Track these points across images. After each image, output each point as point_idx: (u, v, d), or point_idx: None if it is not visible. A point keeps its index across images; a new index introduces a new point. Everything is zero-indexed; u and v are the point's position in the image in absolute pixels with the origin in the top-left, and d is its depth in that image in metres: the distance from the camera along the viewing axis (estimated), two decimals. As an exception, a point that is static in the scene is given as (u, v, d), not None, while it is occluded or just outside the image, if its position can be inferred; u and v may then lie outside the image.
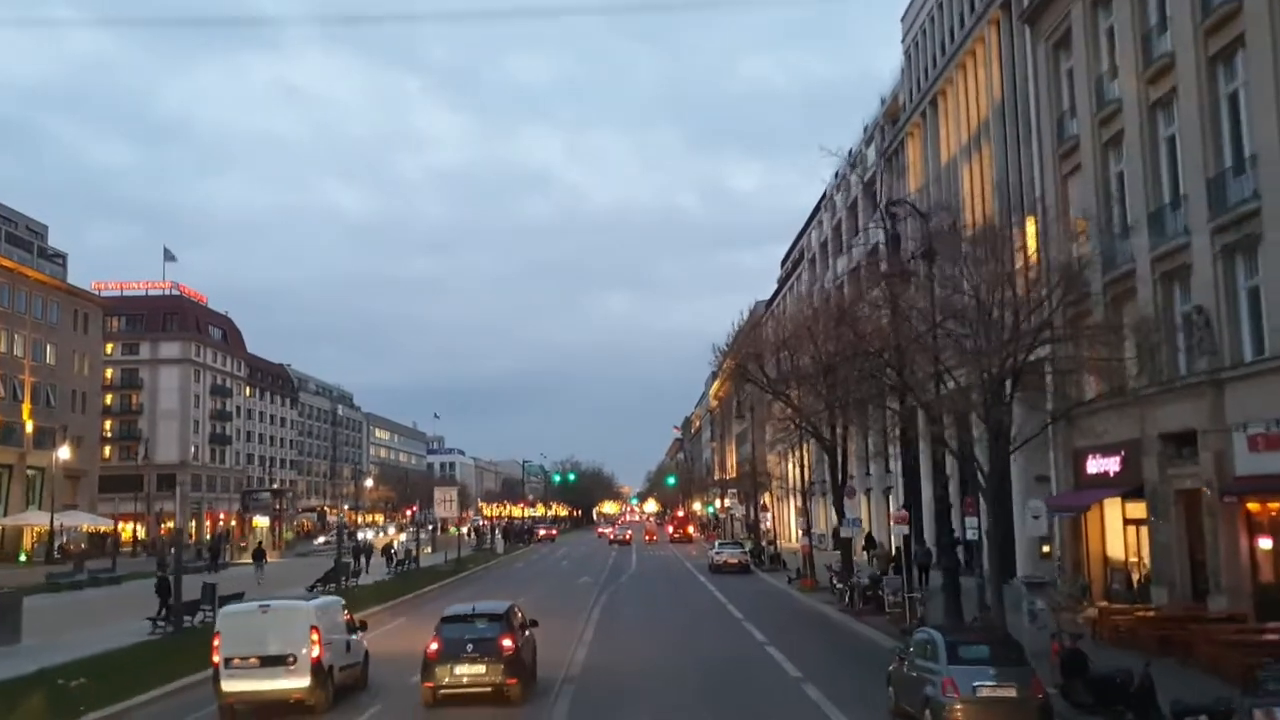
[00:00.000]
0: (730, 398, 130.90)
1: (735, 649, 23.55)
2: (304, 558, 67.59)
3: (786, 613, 31.25)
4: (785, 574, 44.40)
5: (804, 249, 73.44)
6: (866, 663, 20.91)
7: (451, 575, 47.30)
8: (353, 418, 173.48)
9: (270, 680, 17.00)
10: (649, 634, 26.02)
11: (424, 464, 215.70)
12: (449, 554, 60.99)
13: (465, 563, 57.75)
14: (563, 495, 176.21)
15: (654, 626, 27.78)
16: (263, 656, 17.04)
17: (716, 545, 48.79)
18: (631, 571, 50.67)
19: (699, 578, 45.90)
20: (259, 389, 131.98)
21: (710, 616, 30.10)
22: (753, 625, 27.13)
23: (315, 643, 17.19)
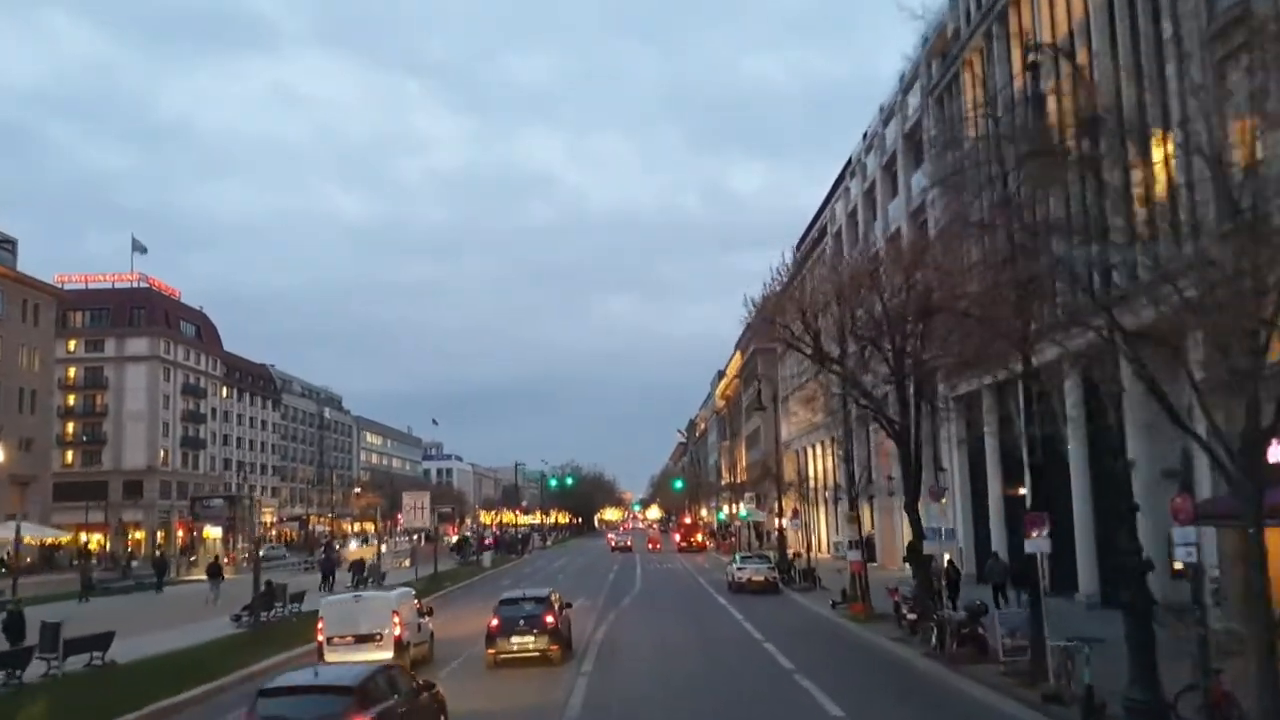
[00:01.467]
0: (738, 397, 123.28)
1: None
2: (267, 572, 59.49)
3: (852, 658, 23.19)
4: (822, 594, 36.50)
5: (825, 225, 65.44)
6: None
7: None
8: (341, 421, 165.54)
9: (362, 653, 20.31)
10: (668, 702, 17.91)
11: (419, 470, 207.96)
12: (424, 569, 53.05)
13: (441, 580, 49.82)
14: (561, 501, 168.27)
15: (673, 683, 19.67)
16: (356, 635, 21.46)
17: (737, 559, 40.81)
18: (636, 591, 42.60)
19: (717, 599, 37.85)
20: (237, 389, 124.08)
21: (748, 664, 22.00)
22: (812, 683, 19.01)
23: (397, 624, 21.68)
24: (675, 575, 53.68)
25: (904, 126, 48.30)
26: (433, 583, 46.65)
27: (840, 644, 26.04)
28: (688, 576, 52.46)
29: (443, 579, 50.31)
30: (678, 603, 37.00)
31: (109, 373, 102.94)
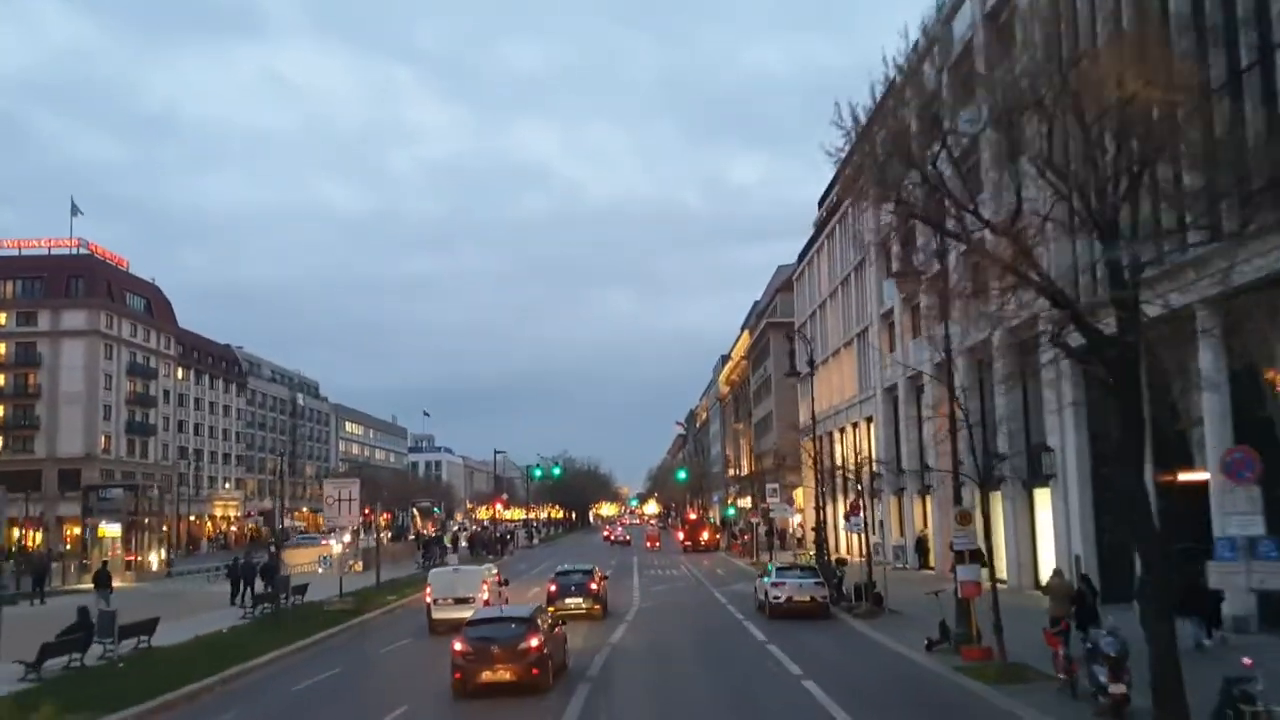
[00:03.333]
0: (746, 382, 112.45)
1: None
2: (175, 581, 48.79)
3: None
4: (894, 622, 25.78)
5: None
6: None
7: (314, 634, 28.15)
8: (317, 409, 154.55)
9: (460, 611, 26.55)
10: None
11: (405, 463, 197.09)
12: (385, 573, 42.22)
13: (382, 592, 39.00)
14: (553, 496, 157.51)
15: None
16: (455, 598, 28.57)
17: (772, 572, 29.62)
18: (633, 614, 31.28)
19: (749, 630, 26.78)
20: (194, 371, 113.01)
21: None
22: None
23: (485, 589, 29.05)
24: (683, 587, 42.66)
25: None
26: (363, 601, 35.66)
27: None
28: (699, 588, 41.51)
29: (383, 592, 39.36)
30: (694, 637, 25.98)
31: (43, 349, 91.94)
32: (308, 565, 57.14)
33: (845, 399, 59.29)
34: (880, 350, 51.36)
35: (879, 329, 51.45)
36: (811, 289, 69.87)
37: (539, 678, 18.66)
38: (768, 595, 28.94)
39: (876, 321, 51.62)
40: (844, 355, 59.54)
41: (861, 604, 29.20)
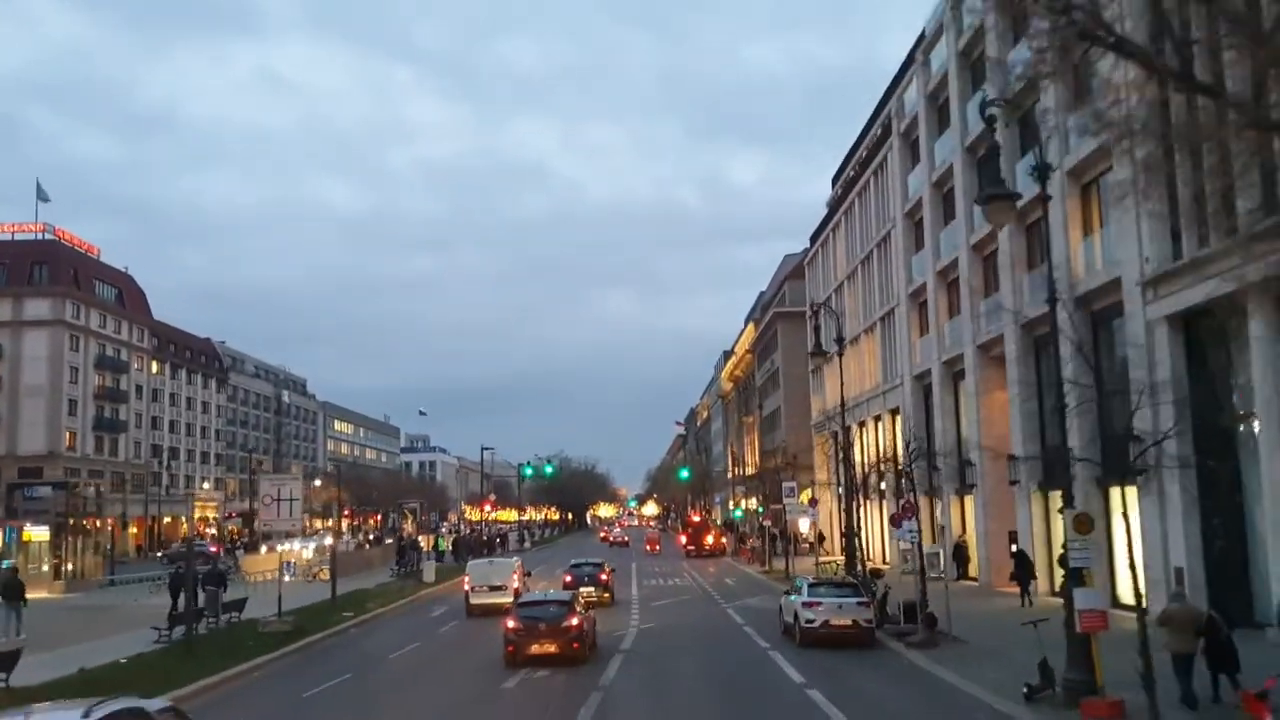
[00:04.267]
0: (750, 377, 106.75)
1: None
2: (115, 592, 43.18)
3: None
4: (958, 653, 20.29)
5: (888, 120, 48.77)
6: None
7: (233, 666, 22.43)
8: (305, 407, 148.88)
9: (495, 597, 31.94)
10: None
11: (398, 463, 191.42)
12: (355, 582, 36.52)
13: (338, 609, 33.38)
14: (549, 497, 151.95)
15: None
16: (490, 585, 32.95)
17: (803, 589, 23.73)
18: (629, 643, 25.45)
19: (782, 667, 20.73)
20: (170, 365, 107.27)
21: None
22: None
23: (516, 578, 33.77)
24: (690, 601, 36.84)
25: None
26: (310, 619, 29.97)
27: None
28: (708, 603, 35.75)
29: (339, 608, 33.69)
30: (710, 679, 20.24)
31: (2, 339, 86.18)
32: (270, 572, 51.57)
33: (866, 390, 53.69)
34: (910, 333, 45.78)
35: (908, 310, 45.87)
36: (825, 272, 64.26)
37: (579, 651, 21.79)
38: (798, 618, 23.29)
39: (905, 302, 46.04)
40: (865, 342, 53.96)
41: (915, 629, 23.57)
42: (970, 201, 37.85)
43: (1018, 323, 33.13)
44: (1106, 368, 28.28)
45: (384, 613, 34.46)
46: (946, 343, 41.36)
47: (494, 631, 25.72)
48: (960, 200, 38.45)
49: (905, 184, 46.26)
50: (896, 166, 46.96)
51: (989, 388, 37.18)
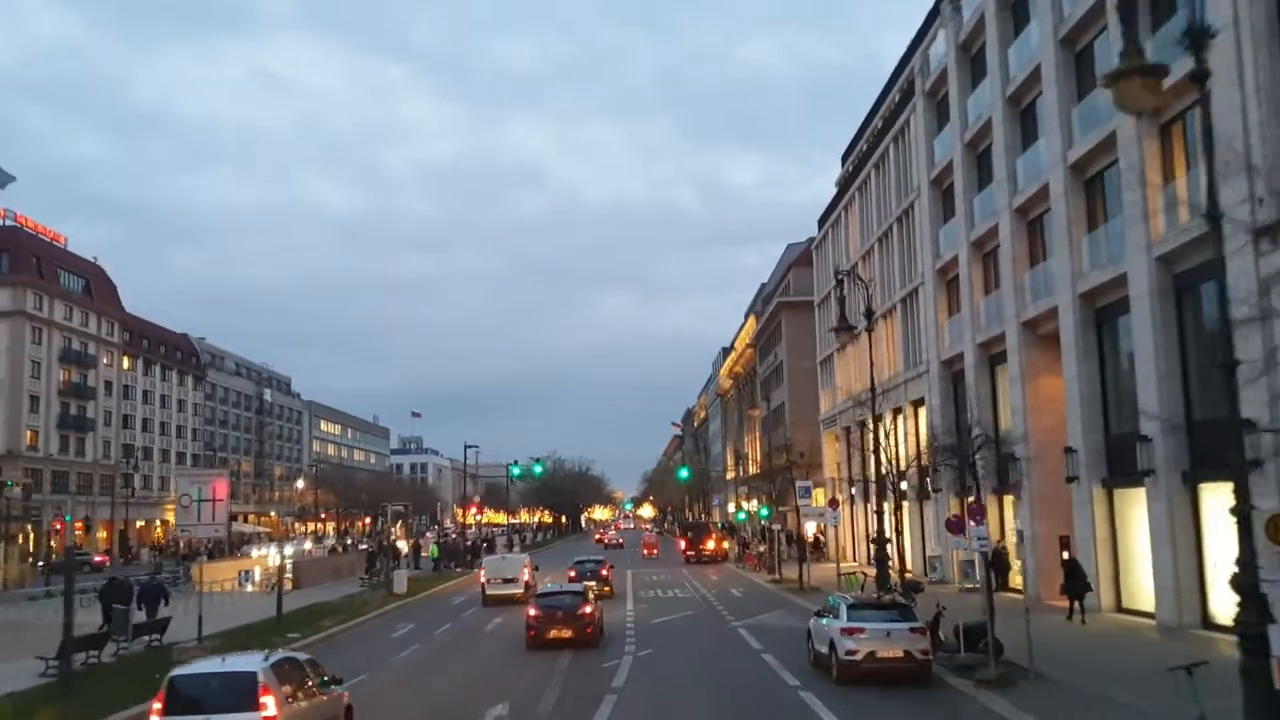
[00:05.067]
0: (751, 373, 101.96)
1: None
2: (33, 607, 38.29)
3: None
4: (1034, 684, 15.63)
5: (910, 80, 43.96)
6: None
7: (116, 711, 17.62)
8: (289, 406, 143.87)
9: (506, 588, 36.76)
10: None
11: (387, 464, 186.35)
12: (323, 592, 31.57)
13: (282, 628, 28.51)
14: (543, 499, 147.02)
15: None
16: (504, 578, 37.35)
17: (843, 611, 18.88)
18: (625, 677, 20.51)
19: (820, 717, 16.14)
20: (143, 360, 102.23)
21: None
22: None
23: (526, 573, 37.95)
24: (695, 617, 31.58)
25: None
26: (250, 640, 25.09)
27: None
28: (716, 621, 30.73)
29: (283, 628, 28.80)
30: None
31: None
32: (228, 582, 46.68)
33: (885, 381, 48.82)
34: (938, 314, 41.00)
35: (934, 288, 41.09)
36: (836, 255, 59.47)
37: (591, 635, 24.45)
38: (835, 648, 18.42)
39: (931, 279, 41.26)
40: (883, 327, 49.14)
41: (981, 660, 18.71)
42: (1013, 159, 33.15)
43: (1076, 292, 28.42)
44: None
45: (339, 632, 29.57)
46: (982, 322, 36.58)
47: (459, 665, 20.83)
48: (1000, 159, 33.68)
49: (931, 148, 41.50)
50: (921, 129, 42.19)
51: (1035, 371, 32.41)
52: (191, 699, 12.34)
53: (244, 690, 12.23)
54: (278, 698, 12.28)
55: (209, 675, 12.96)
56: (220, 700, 12.20)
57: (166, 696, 12.42)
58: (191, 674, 13.05)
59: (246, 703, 12.07)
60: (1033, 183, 31.49)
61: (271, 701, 12.12)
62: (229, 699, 12.18)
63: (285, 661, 13.61)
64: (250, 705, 12.04)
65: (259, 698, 12.12)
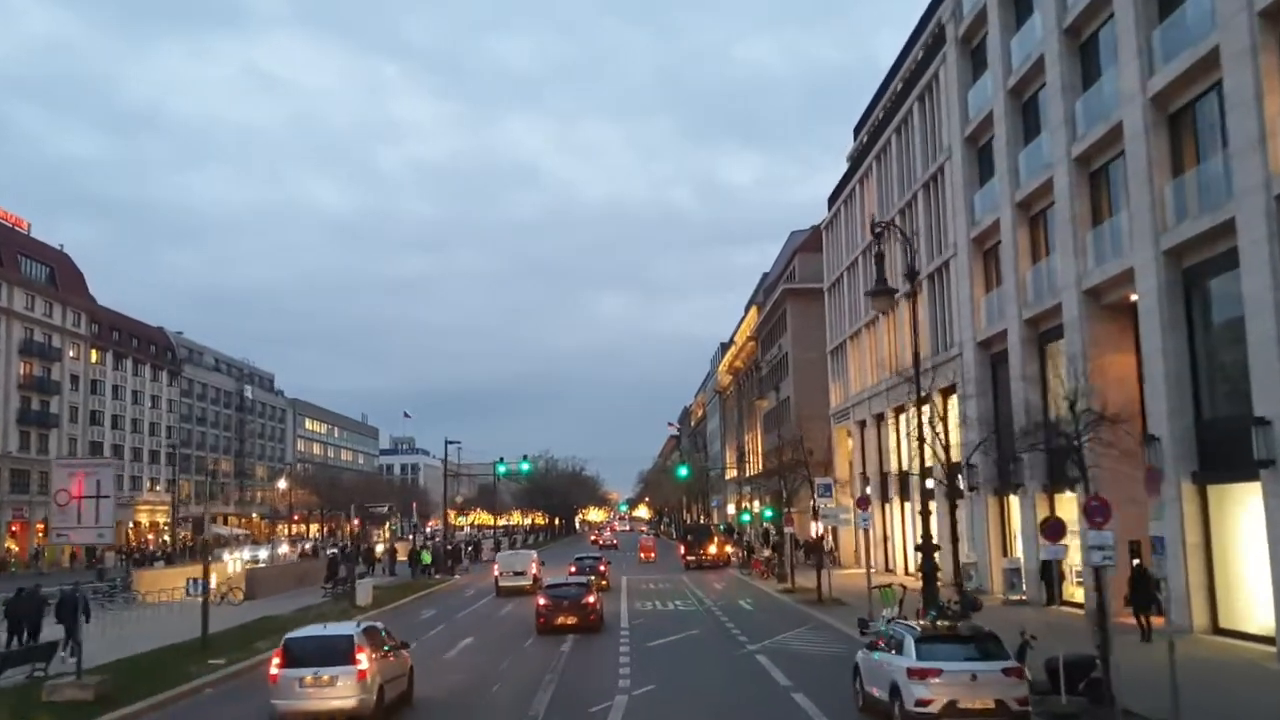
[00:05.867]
0: (753, 367, 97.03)
1: None
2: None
3: None
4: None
5: (939, 29, 39.18)
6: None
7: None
8: (271, 403, 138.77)
9: (518, 581, 40.85)
10: None
11: (376, 465, 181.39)
12: (219, 612, 26.77)
13: (204, 656, 23.70)
14: (534, 500, 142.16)
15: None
16: (515, 571, 42.04)
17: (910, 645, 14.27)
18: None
19: None
20: (114, 354, 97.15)
21: None
22: None
23: (534, 566, 42.97)
24: (702, 642, 25.96)
25: None
26: (132, 680, 20.18)
27: None
28: (727, 644, 25.47)
29: (209, 654, 23.93)
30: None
31: (-90, 321, 76.26)
32: (177, 591, 41.74)
33: (907, 367, 44.09)
34: (973, 289, 36.23)
35: (969, 259, 36.34)
36: (851, 233, 54.72)
37: (595, 622, 27.68)
38: (901, 694, 13.54)
39: (965, 250, 36.50)
40: (904, 309, 44.40)
41: (1094, 710, 13.90)
42: (1071, 101, 28.41)
43: (1160, 249, 23.66)
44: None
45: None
46: (1030, 295, 31.83)
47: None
48: (1056, 101, 28.93)
49: (964, 102, 36.74)
50: (952, 81, 37.42)
51: (1100, 347, 27.63)
52: (302, 655, 15.68)
53: (343, 649, 15.59)
54: (369, 654, 15.72)
55: (315, 638, 16.57)
56: (325, 657, 15.51)
57: (283, 653, 15.97)
58: (301, 637, 16.69)
59: (345, 658, 15.44)
60: (1098, 124, 26.75)
61: (364, 657, 15.53)
62: (332, 655, 15.51)
63: (370, 629, 17.20)
64: (349, 660, 15.41)
65: (355, 654, 15.47)
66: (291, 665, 15.71)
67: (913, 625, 14.87)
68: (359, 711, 15.54)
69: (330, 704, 15.44)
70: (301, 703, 15.51)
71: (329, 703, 15.44)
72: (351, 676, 15.44)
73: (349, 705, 15.43)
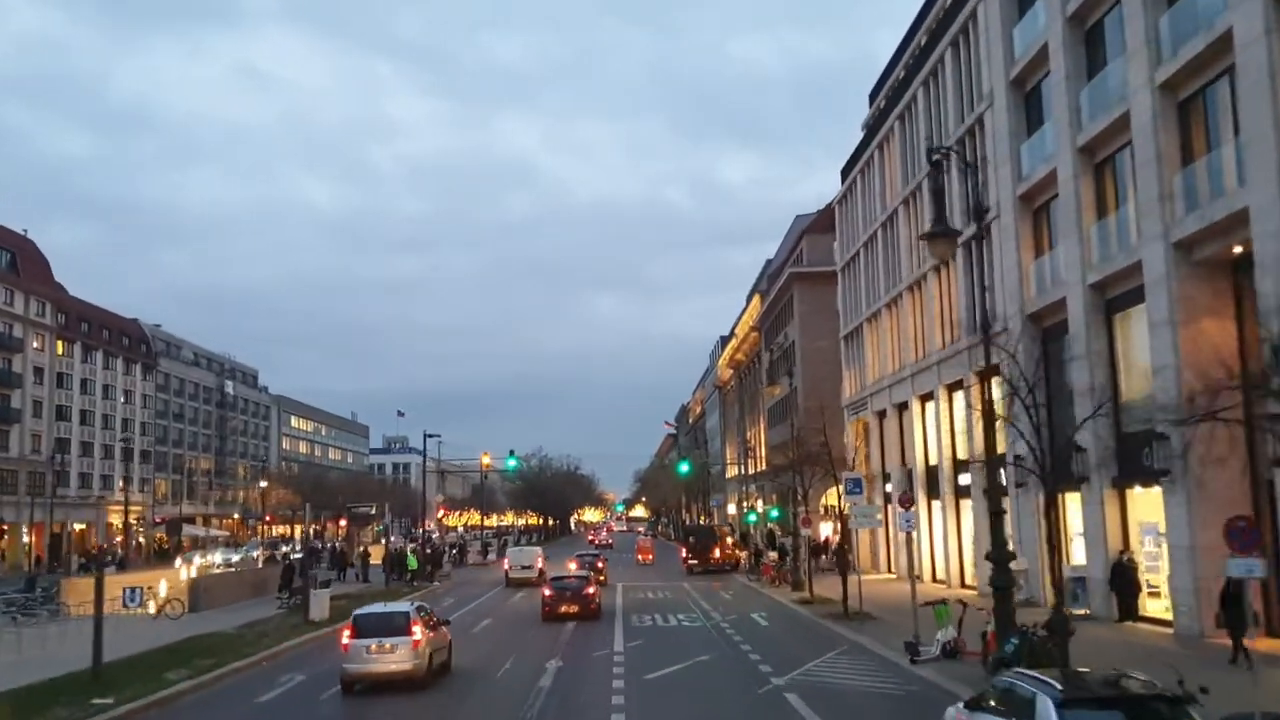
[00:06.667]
0: (755, 359, 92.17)
1: None
2: None
3: None
4: None
5: None
6: None
7: None
8: (254, 400, 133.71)
9: (525, 574, 47.02)
10: None
11: (365, 464, 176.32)
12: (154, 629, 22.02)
13: (85, 693, 18.74)
14: (528, 501, 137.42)
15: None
16: (523, 565, 48.08)
17: (1046, 709, 9.76)
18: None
19: None
20: (82, 346, 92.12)
21: None
22: None
23: (539, 561, 48.73)
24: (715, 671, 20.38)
25: None
26: (50, 698, 15.41)
27: None
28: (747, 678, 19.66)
29: (96, 690, 19.09)
30: None
31: None
32: (113, 603, 36.77)
33: (933, 352, 39.37)
34: (1020, 253, 31.47)
35: (1015, 220, 31.59)
36: (868, 205, 49.92)
37: (595, 611, 31.10)
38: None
39: (1011, 209, 31.73)
40: (931, 284, 39.73)
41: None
42: (1153, 19, 23.62)
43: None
44: None
45: (185, 692, 19.81)
46: (1094, 255, 27.08)
47: None
48: (1137, 19, 24.13)
49: (1009, 40, 31.97)
50: (995, 15, 32.64)
51: (1194, 311, 22.87)
52: (368, 628, 19.39)
53: (401, 623, 19.38)
54: (421, 628, 19.50)
55: (378, 614, 20.36)
56: (386, 629, 19.20)
57: (353, 626, 19.64)
58: (366, 613, 20.51)
59: (403, 631, 19.19)
60: (1189, 41, 22.00)
61: (418, 630, 19.33)
62: (392, 628, 19.23)
63: (420, 607, 21.62)
64: (406, 632, 19.15)
65: (411, 627, 19.26)
66: (359, 636, 19.19)
67: (1047, 680, 9.90)
68: (413, 674, 18.93)
69: (390, 668, 18.81)
70: (367, 666, 18.94)
71: (389, 666, 18.82)
72: (408, 645, 18.88)
73: (405, 668, 18.85)
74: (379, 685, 18.85)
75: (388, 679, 18.78)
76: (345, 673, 19.02)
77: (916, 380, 41.89)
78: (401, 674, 18.79)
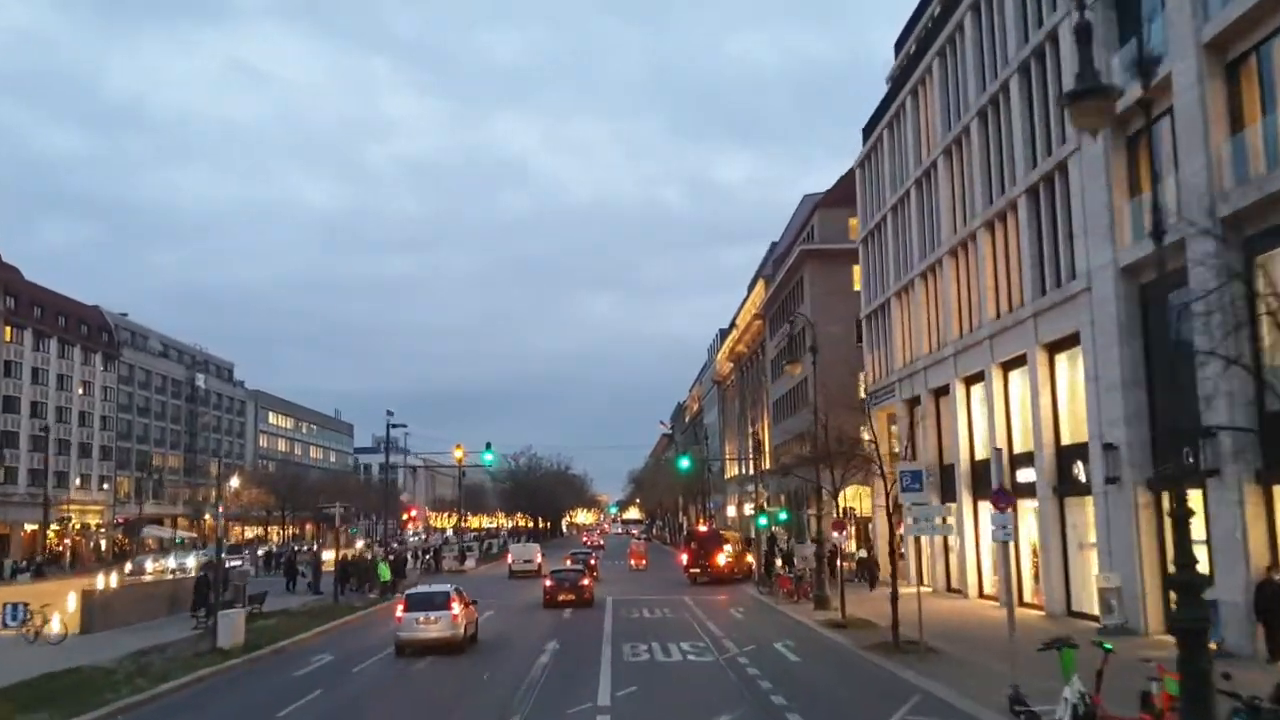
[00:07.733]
0: (758, 350, 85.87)
1: None
2: None
3: None
4: None
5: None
6: None
7: None
8: (229, 395, 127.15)
9: (527, 568, 54.71)
10: None
11: (349, 463, 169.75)
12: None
13: None
14: (517, 502, 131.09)
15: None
16: (524, 560, 56.68)
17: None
18: None
19: None
20: (33, 331, 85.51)
21: None
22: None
23: (539, 556, 57.19)
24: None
25: None
26: None
27: None
28: None
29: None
30: None
31: None
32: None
33: (987, 322, 33.03)
34: (1112, 193, 25.15)
35: (1106, 150, 25.27)
36: (897, 162, 43.67)
37: (589, 600, 36.36)
38: None
39: (1100, 138, 25.26)
40: (983, 241, 33.42)
41: None
42: None
43: None
44: None
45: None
46: (1225, 180, 20.75)
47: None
48: None
49: None
50: None
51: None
52: (417, 603, 24.62)
53: (443, 600, 24.66)
54: (460, 603, 24.85)
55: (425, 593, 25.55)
56: (432, 604, 24.46)
57: (405, 601, 25.15)
58: (416, 592, 25.95)
59: (445, 606, 24.39)
60: None
61: (457, 605, 24.61)
62: (437, 604, 24.48)
63: (458, 589, 26.07)
64: (447, 607, 24.33)
65: (451, 603, 24.43)
66: (410, 610, 24.55)
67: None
68: (452, 641, 24.18)
69: (433, 634, 24.03)
70: (417, 634, 24.12)
71: (433, 634, 24.04)
72: (448, 618, 24.20)
73: (446, 636, 24.08)
74: (425, 649, 24.01)
75: (432, 644, 24.02)
76: (398, 639, 24.38)
77: (960, 360, 35.62)
78: (443, 640, 24.05)
